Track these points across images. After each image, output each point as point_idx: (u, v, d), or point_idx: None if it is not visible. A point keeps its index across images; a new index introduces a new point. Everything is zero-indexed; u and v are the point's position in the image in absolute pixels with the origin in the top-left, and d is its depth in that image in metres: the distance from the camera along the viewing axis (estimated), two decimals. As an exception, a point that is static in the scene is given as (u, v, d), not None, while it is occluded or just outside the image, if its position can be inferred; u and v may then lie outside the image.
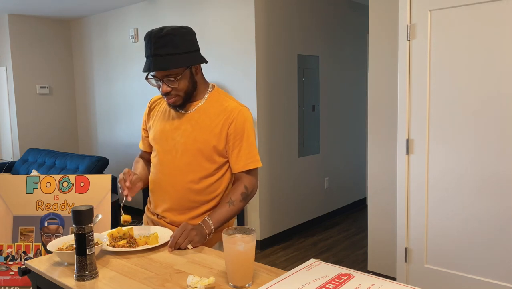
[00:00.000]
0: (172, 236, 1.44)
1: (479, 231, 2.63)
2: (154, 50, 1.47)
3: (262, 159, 3.97)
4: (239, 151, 1.60)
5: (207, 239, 1.49)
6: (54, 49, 5.65)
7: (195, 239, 1.43)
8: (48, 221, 2.06)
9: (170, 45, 1.47)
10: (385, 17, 3.10)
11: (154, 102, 1.77)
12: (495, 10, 2.46)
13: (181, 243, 1.41)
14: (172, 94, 1.54)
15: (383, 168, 3.22)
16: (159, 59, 1.47)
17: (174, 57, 1.48)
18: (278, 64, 4.06)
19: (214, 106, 1.61)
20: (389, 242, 3.19)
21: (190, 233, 1.43)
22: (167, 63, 1.47)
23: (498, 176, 2.54)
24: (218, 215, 1.53)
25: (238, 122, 1.58)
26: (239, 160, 1.60)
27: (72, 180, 2.07)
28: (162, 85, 1.53)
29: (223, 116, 1.58)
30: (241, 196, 1.58)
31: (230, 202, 1.56)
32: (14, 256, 2.06)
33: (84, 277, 1.21)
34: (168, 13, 4.53)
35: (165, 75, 1.50)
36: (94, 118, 5.69)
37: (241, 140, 1.60)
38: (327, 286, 1.09)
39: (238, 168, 1.61)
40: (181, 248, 1.41)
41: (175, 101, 1.56)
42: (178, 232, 1.43)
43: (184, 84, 1.54)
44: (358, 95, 5.21)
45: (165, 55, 1.47)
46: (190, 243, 1.42)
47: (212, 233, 1.50)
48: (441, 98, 2.70)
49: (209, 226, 1.50)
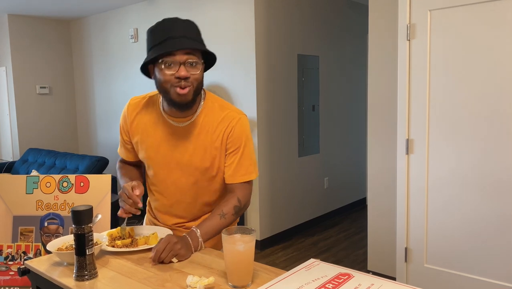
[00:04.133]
0: (154, 249, 1.32)
1: (479, 230, 2.63)
2: (183, 31, 1.39)
3: (262, 159, 3.97)
4: (236, 162, 1.50)
5: (195, 252, 1.39)
6: (54, 49, 5.65)
7: (181, 253, 1.33)
8: (48, 221, 2.06)
9: (195, 31, 1.43)
10: (385, 17, 3.10)
11: (133, 111, 1.58)
12: (495, 10, 2.46)
13: (164, 257, 1.30)
14: (189, 82, 1.40)
15: (383, 168, 3.22)
16: (185, 40, 1.38)
17: (200, 43, 1.43)
18: (278, 64, 4.06)
19: (211, 119, 1.50)
20: (389, 242, 3.19)
21: (174, 246, 1.32)
22: (195, 44, 1.40)
23: (498, 175, 2.54)
24: (207, 227, 1.44)
25: (237, 132, 1.49)
26: (235, 172, 1.51)
27: (72, 180, 2.07)
28: (180, 70, 1.38)
29: (222, 127, 1.49)
30: (234, 209, 1.49)
31: (222, 214, 1.46)
32: (14, 256, 2.06)
33: (84, 277, 1.21)
34: (168, 13, 4.53)
35: (188, 58, 1.39)
36: (94, 118, 5.69)
37: (238, 152, 1.50)
38: (326, 286, 1.09)
39: (233, 179, 1.51)
40: (164, 262, 1.31)
41: (188, 93, 1.41)
42: (162, 245, 1.32)
43: (200, 75, 1.45)
44: (358, 95, 5.21)
45: (192, 38, 1.40)
46: (175, 257, 1.32)
47: (200, 246, 1.40)
48: (441, 98, 2.70)
49: (197, 239, 1.40)
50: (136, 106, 1.58)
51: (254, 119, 3.90)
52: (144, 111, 1.56)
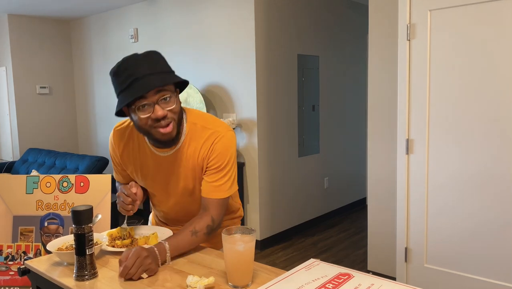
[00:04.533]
0: (122, 264, 1.22)
1: (479, 230, 2.63)
2: (144, 70, 1.29)
3: (262, 159, 3.97)
4: (214, 180, 1.44)
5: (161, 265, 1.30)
6: (54, 49, 5.65)
7: (151, 267, 1.23)
8: (48, 221, 2.06)
9: (161, 63, 1.34)
10: (385, 17, 3.10)
11: (120, 141, 1.53)
12: (495, 10, 2.46)
13: (133, 273, 1.20)
14: (169, 118, 1.34)
15: (383, 168, 3.22)
16: (152, 78, 1.28)
17: (166, 75, 1.33)
18: (278, 64, 4.06)
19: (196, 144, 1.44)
20: (389, 242, 3.19)
21: (144, 261, 1.22)
22: (163, 79, 1.31)
23: (498, 175, 2.54)
24: (177, 243, 1.35)
25: (218, 150, 1.43)
26: (212, 188, 1.44)
27: (72, 180, 2.07)
28: (156, 110, 1.31)
29: (205, 148, 1.43)
30: (207, 228, 1.41)
31: (194, 232, 1.39)
32: (14, 256, 2.06)
33: (84, 277, 1.21)
34: (168, 13, 4.53)
35: (160, 96, 1.31)
36: (94, 118, 5.69)
37: (218, 170, 1.44)
38: (326, 286, 1.09)
39: (209, 194, 1.45)
40: (133, 279, 1.20)
41: (172, 129, 1.35)
42: (131, 260, 1.20)
43: (177, 106, 1.36)
44: (358, 95, 5.21)
45: (157, 73, 1.30)
46: (145, 272, 1.23)
47: (167, 261, 1.32)
48: (441, 98, 2.70)
49: (165, 253, 1.31)
50: (121, 136, 1.53)
51: (254, 119, 3.91)
52: (131, 142, 1.51)
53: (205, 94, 4.20)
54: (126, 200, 1.45)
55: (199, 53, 4.26)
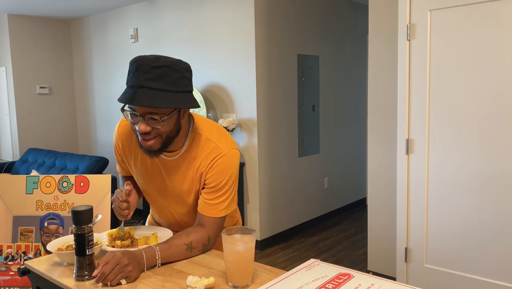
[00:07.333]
0: (100, 267, 1.18)
1: (479, 230, 2.63)
2: (143, 81, 1.21)
3: (262, 159, 3.97)
4: (212, 198, 1.40)
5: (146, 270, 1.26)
6: (54, 49, 5.65)
7: (131, 275, 1.19)
8: (48, 221, 2.06)
9: (165, 79, 1.22)
10: (385, 17, 3.10)
11: (123, 135, 1.51)
12: (495, 10, 2.46)
13: (110, 279, 1.16)
14: (152, 135, 1.28)
15: (383, 168, 3.22)
16: (146, 92, 1.20)
17: (166, 94, 1.22)
18: (278, 64, 4.06)
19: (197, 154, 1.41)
20: (389, 242, 3.19)
21: (124, 268, 1.17)
22: (155, 99, 1.21)
23: (498, 176, 2.53)
24: (171, 253, 1.31)
25: (218, 169, 1.38)
26: (210, 206, 1.40)
27: (72, 180, 2.07)
28: (140, 123, 1.25)
29: (205, 163, 1.39)
30: (202, 246, 1.38)
31: (190, 247, 1.35)
32: (13, 256, 2.06)
33: (84, 277, 1.21)
34: (168, 13, 4.53)
35: (148, 112, 1.24)
36: (93, 118, 5.69)
37: (216, 188, 1.39)
38: (326, 286, 1.09)
39: (205, 212, 1.40)
40: (111, 284, 1.16)
41: (154, 144, 1.30)
42: (109, 266, 1.16)
43: (168, 127, 1.29)
44: (358, 95, 5.21)
45: (156, 89, 1.21)
46: (124, 279, 1.18)
47: (157, 266, 1.28)
48: (441, 98, 2.70)
49: (154, 260, 1.27)
50: (126, 130, 1.51)
51: (254, 119, 3.91)
52: (134, 136, 1.47)
53: (205, 94, 4.20)
54: (122, 205, 1.44)
55: (199, 53, 4.27)
